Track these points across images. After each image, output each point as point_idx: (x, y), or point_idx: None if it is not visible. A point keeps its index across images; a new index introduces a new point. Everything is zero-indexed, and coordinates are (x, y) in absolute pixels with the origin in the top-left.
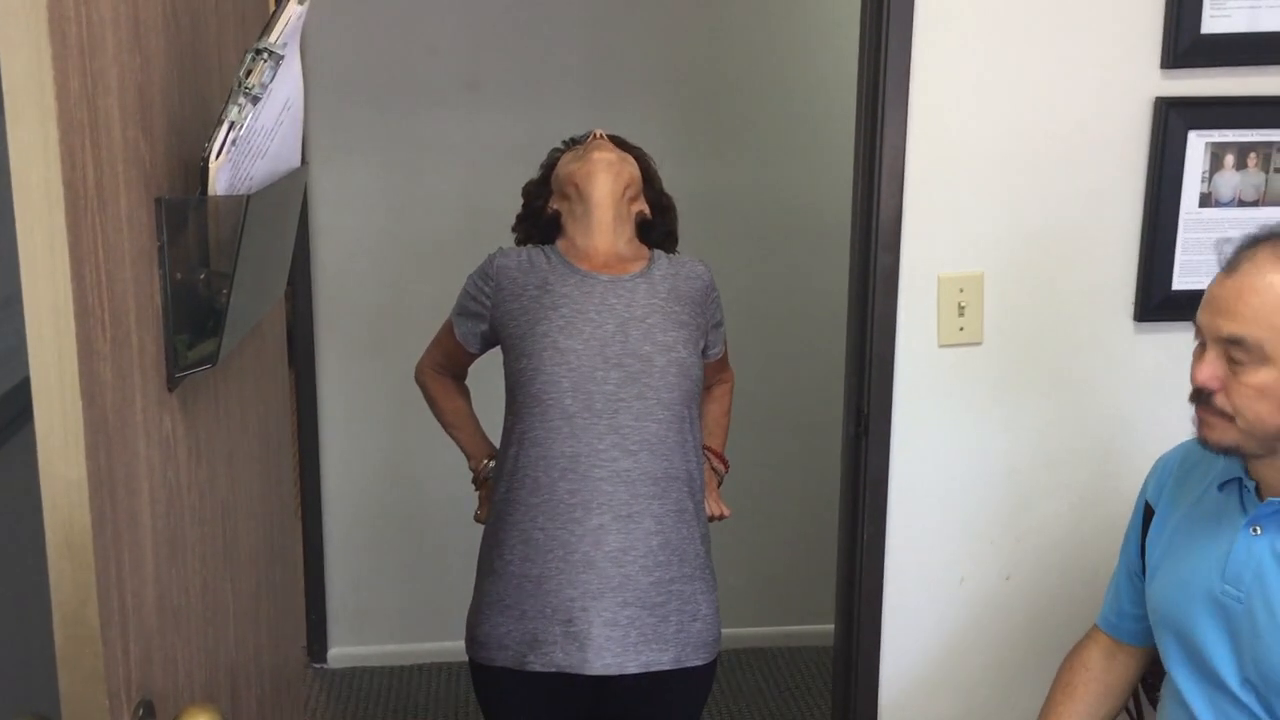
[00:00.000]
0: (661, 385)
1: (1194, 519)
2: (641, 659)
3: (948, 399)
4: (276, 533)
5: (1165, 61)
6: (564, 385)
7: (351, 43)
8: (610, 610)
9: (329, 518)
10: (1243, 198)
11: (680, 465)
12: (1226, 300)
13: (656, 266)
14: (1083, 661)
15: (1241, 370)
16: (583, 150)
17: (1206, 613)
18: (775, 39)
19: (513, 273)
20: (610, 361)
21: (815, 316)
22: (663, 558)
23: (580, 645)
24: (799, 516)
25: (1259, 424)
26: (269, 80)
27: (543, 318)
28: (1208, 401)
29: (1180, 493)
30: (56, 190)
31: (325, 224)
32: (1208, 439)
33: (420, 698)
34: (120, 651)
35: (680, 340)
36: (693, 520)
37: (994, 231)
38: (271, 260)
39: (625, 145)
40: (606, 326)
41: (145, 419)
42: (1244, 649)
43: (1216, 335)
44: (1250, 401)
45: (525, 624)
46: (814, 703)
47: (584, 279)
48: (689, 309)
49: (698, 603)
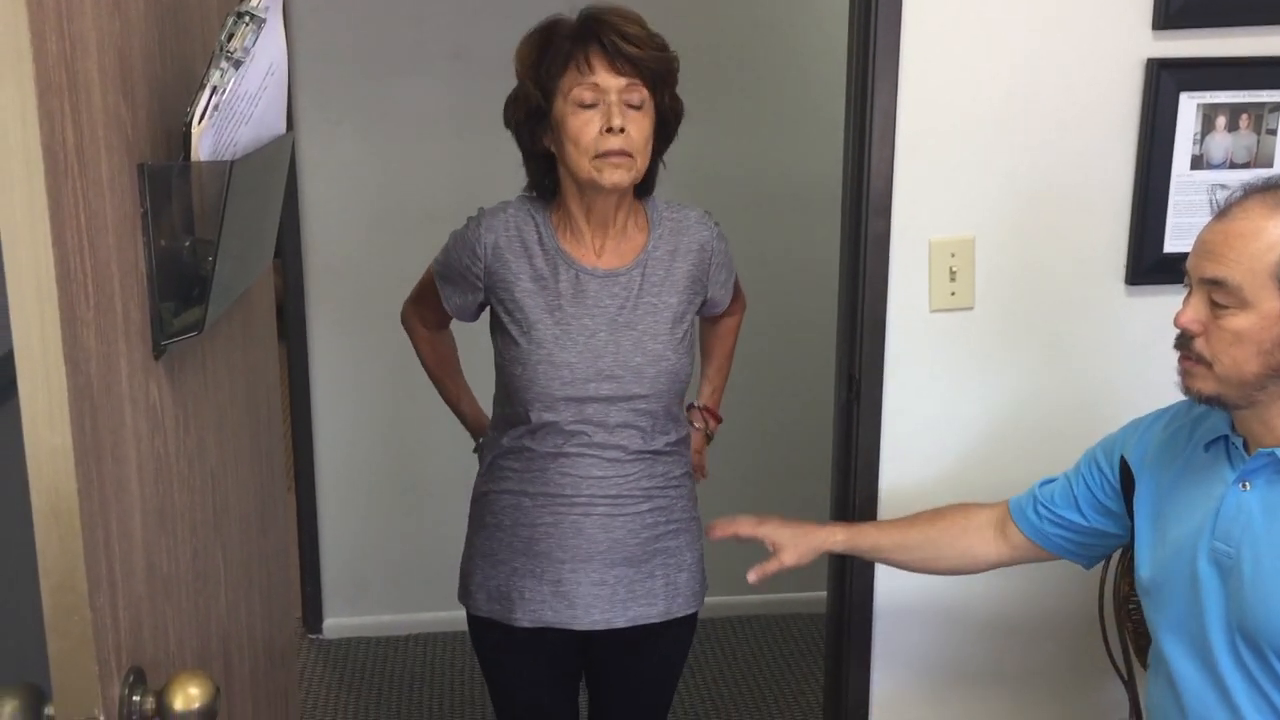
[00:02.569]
0: (652, 393)
1: (1181, 482)
2: (629, 614)
3: (939, 364)
4: (267, 502)
5: (1157, 22)
6: (557, 396)
7: (338, 11)
8: (598, 571)
9: (323, 489)
10: (1234, 159)
11: (671, 438)
12: (1214, 243)
13: (654, 245)
14: (968, 512)
15: (1222, 315)
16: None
17: (1198, 572)
18: (768, 7)
19: (504, 255)
20: (603, 374)
21: (807, 284)
22: (650, 520)
23: (569, 603)
24: (792, 483)
25: (1235, 370)
26: (251, 44)
27: (538, 320)
28: (1188, 346)
29: (1164, 458)
30: (35, 153)
31: (314, 195)
32: (1189, 388)
33: (416, 667)
34: (109, 618)
35: (672, 345)
36: (680, 483)
37: (985, 195)
38: (258, 227)
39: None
40: (600, 335)
41: (131, 386)
42: (1232, 605)
43: (1201, 277)
44: (1227, 346)
45: (515, 580)
46: (808, 670)
47: (579, 275)
48: (684, 294)
49: (683, 554)
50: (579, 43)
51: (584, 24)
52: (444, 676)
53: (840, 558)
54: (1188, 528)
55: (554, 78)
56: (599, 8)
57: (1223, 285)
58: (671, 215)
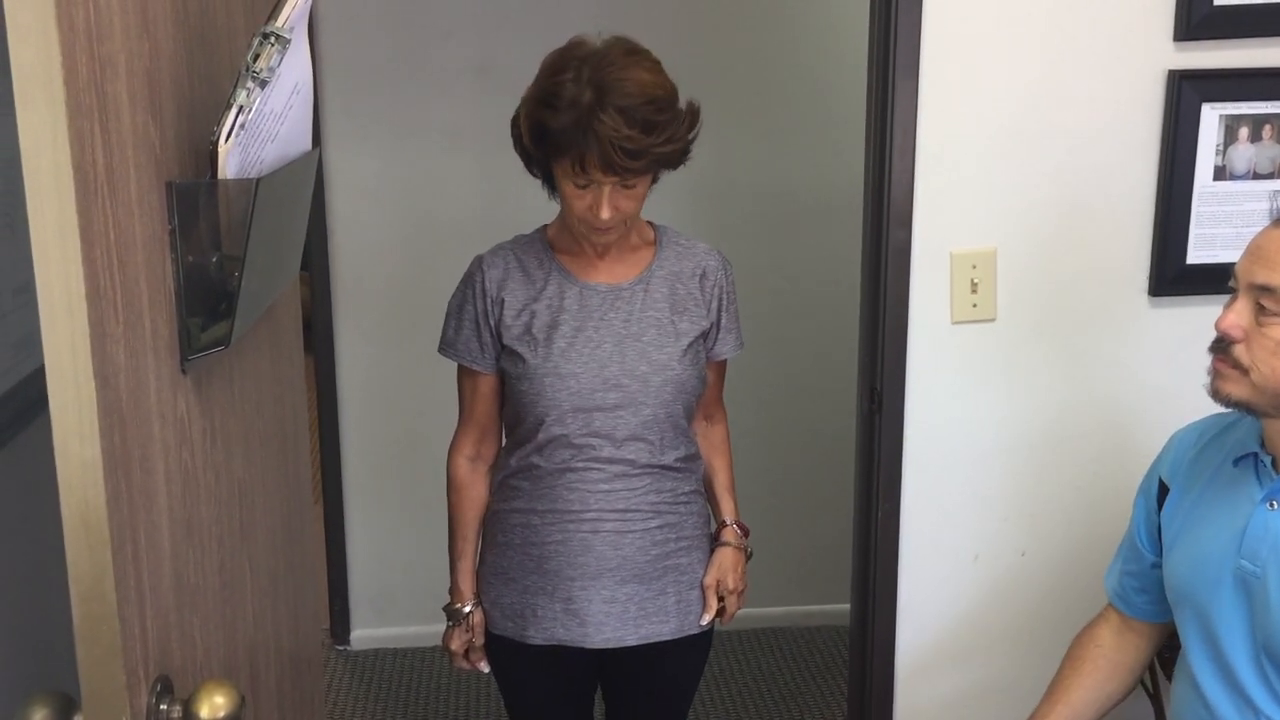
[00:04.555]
0: (657, 401)
1: (1210, 495)
2: (641, 631)
3: (961, 376)
4: (294, 514)
5: (1178, 34)
6: (565, 407)
7: (365, 26)
8: (609, 589)
9: (350, 501)
10: (1258, 170)
11: (680, 454)
12: (1267, 249)
13: (659, 263)
14: (1093, 637)
15: (1268, 322)
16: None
17: (1223, 588)
18: (787, 17)
19: (509, 284)
20: (609, 383)
21: (828, 296)
22: (660, 537)
23: (580, 621)
24: (815, 496)
25: (1273, 379)
26: (277, 64)
27: (544, 337)
28: (1226, 351)
29: (1196, 469)
30: (66, 174)
31: (341, 210)
32: (1219, 390)
33: (443, 679)
34: (137, 628)
35: (676, 356)
36: (690, 500)
37: (1006, 207)
38: (284, 243)
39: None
40: (605, 346)
41: (159, 400)
42: (1258, 624)
43: (1250, 282)
44: (1269, 355)
45: (526, 598)
46: (831, 682)
47: (583, 291)
48: (688, 316)
49: (695, 571)
50: (577, 138)
51: (587, 115)
52: (470, 688)
53: (863, 567)
54: (1215, 544)
55: (550, 157)
56: (606, 86)
57: (1274, 292)
58: (680, 241)
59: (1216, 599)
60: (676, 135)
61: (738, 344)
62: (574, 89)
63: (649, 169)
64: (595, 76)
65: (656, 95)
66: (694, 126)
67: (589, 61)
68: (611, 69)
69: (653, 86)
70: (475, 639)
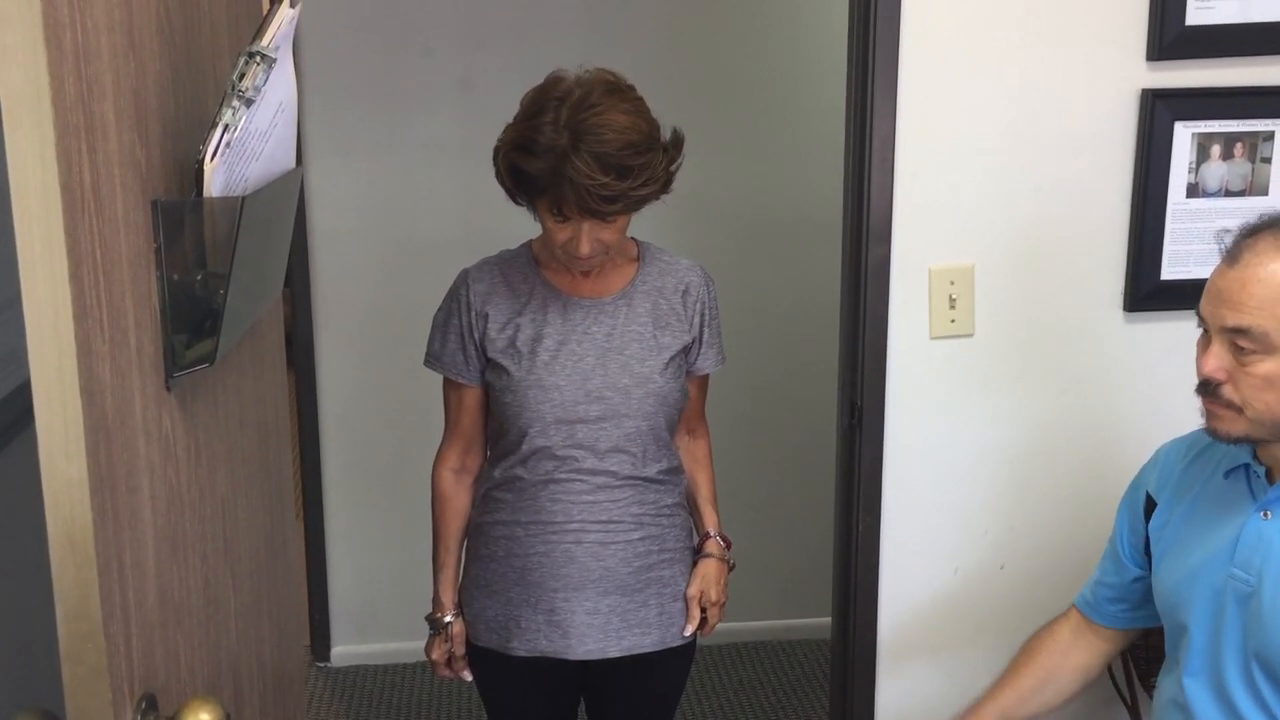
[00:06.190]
0: (640, 414)
1: (1200, 508)
2: (624, 643)
3: (940, 391)
4: (276, 531)
5: (1151, 54)
6: (548, 419)
7: (346, 44)
8: (591, 600)
9: (331, 517)
10: (1230, 187)
11: (663, 466)
12: (1230, 291)
13: (641, 279)
14: (1050, 632)
15: (1248, 360)
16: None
17: (1215, 598)
18: (767, 35)
19: (493, 297)
20: (592, 395)
21: (808, 312)
22: (642, 549)
23: (563, 633)
24: (796, 511)
25: (1268, 413)
26: (262, 83)
27: (528, 349)
28: (1215, 393)
29: (1185, 481)
30: (54, 193)
31: (323, 226)
32: (1217, 430)
33: (424, 696)
34: (122, 646)
35: (657, 369)
36: (673, 512)
37: (984, 223)
38: (268, 260)
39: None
40: (587, 359)
41: (144, 418)
42: (1249, 633)
43: (1221, 326)
44: (1258, 391)
45: (510, 610)
46: (812, 695)
47: (566, 304)
48: (670, 331)
49: (678, 583)
50: (553, 183)
51: (562, 161)
52: (451, 705)
53: (844, 581)
54: (1206, 554)
55: (529, 197)
56: (582, 131)
57: (1247, 333)
58: (663, 257)
59: (1208, 609)
60: (655, 175)
61: (719, 359)
62: (551, 134)
63: (627, 210)
64: (572, 120)
65: (633, 140)
66: (676, 159)
67: (566, 102)
68: (589, 113)
69: (630, 130)
70: (455, 649)
